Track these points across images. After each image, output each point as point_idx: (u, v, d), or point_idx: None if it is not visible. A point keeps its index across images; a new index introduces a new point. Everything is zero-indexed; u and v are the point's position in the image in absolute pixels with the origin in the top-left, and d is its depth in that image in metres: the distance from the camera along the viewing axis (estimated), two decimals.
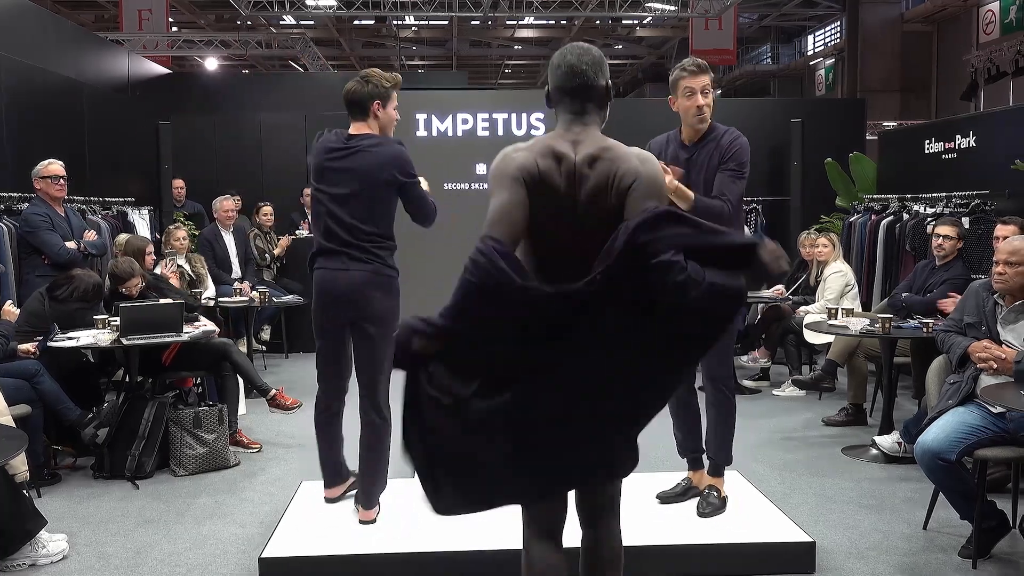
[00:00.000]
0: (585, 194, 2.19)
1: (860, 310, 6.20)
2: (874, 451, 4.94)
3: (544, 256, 2.25)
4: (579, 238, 2.19)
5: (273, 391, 5.19)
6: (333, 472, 3.94)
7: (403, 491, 4.12)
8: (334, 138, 3.75)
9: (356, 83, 3.80)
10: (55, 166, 5.58)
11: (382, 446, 3.77)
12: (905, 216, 7.10)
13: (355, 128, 3.78)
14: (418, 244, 5.78)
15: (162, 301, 5.18)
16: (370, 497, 3.73)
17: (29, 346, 4.57)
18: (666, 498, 3.85)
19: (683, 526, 3.59)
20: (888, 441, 4.90)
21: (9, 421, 3.92)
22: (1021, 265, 3.56)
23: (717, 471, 3.84)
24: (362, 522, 3.69)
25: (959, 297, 4.36)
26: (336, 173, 3.66)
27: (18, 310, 4.74)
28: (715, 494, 3.77)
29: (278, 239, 8.69)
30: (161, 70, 12.56)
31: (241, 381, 5.42)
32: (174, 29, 19.89)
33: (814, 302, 6.55)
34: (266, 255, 8.44)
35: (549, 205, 2.19)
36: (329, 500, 3.91)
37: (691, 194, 3.45)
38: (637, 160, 2.20)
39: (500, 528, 3.55)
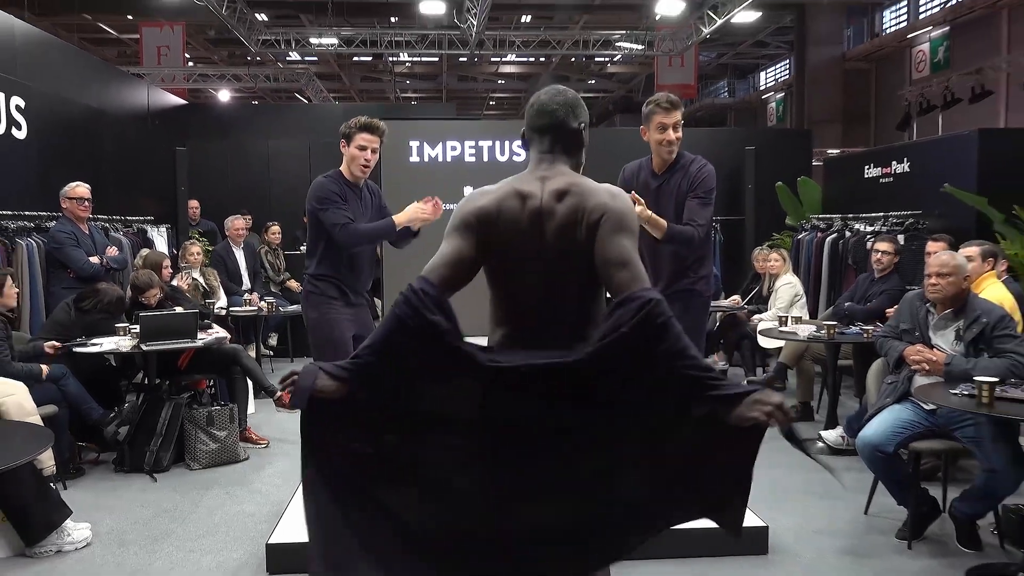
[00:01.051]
0: (553, 231, 1.91)
1: (808, 318, 6.24)
2: (820, 444, 4.96)
3: (514, 301, 1.98)
4: (549, 279, 1.93)
5: (279, 392, 5.15)
6: None
7: None
8: None
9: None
10: (82, 188, 5.54)
11: None
12: (847, 234, 7.16)
13: None
14: (413, 261, 5.77)
15: (178, 310, 5.16)
16: None
17: (53, 343, 4.52)
18: None
19: None
20: (833, 435, 4.93)
21: (37, 420, 3.89)
22: (952, 276, 3.60)
23: None
24: None
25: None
26: None
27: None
28: None
29: (285, 255, 8.67)
30: (178, 101, 12.50)
31: (250, 383, 5.39)
32: (190, 64, 19.80)
33: (767, 311, 6.59)
34: (275, 268, 8.43)
35: (514, 247, 1.93)
36: None
37: (663, 223, 3.44)
38: (607, 195, 1.93)
39: None
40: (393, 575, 1.79)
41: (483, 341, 1.98)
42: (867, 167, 7.69)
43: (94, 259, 5.49)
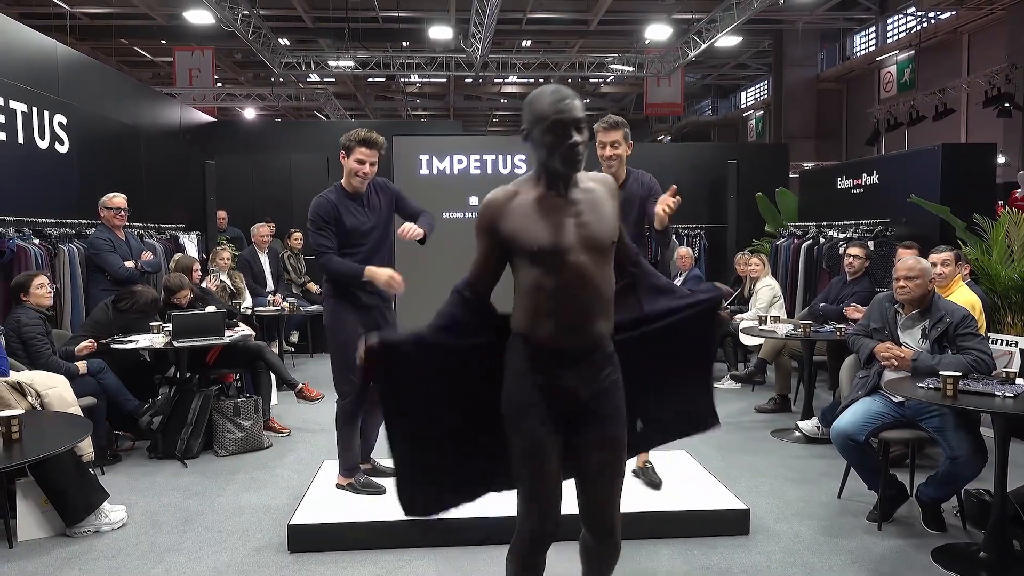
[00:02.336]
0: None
1: (785, 317, 6.23)
2: (797, 434, 4.95)
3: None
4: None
5: (300, 385, 5.15)
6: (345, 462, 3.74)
7: None
8: None
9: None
10: (119, 199, 5.54)
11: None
12: (821, 240, 7.15)
13: None
14: (419, 265, 5.77)
15: (207, 310, 5.15)
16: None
17: (87, 343, 4.51)
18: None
19: (637, 496, 3.59)
20: (808, 425, 4.92)
21: (77, 411, 3.89)
22: (919, 278, 3.60)
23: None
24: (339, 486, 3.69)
25: (863, 308, 4.40)
26: None
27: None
28: (651, 467, 3.78)
29: (305, 259, 8.67)
30: (207, 118, 12.50)
31: (273, 377, 5.38)
32: (219, 84, 19.81)
33: (747, 311, 6.58)
34: (296, 271, 8.44)
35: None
36: (338, 486, 3.70)
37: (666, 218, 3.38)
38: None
39: (488, 500, 3.54)
40: (461, 496, 2.19)
41: None
42: (839, 179, 7.68)
43: (129, 263, 5.48)
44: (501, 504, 3.42)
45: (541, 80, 24.34)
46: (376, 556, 3.22)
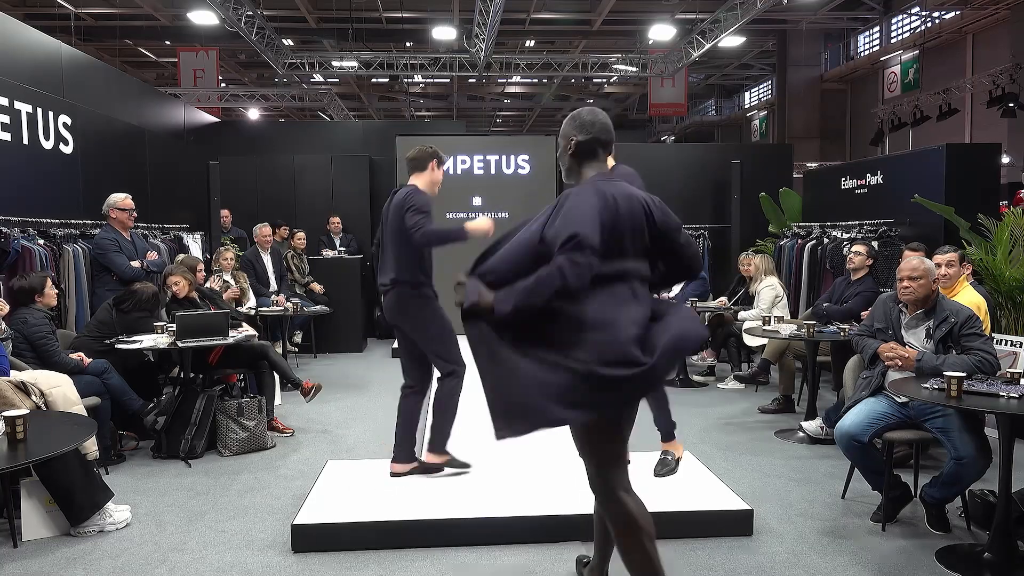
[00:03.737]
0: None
1: (789, 318, 6.22)
2: (801, 434, 4.94)
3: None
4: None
5: (302, 384, 5.17)
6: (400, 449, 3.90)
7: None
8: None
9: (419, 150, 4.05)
10: (129, 200, 5.59)
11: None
12: (825, 240, 7.14)
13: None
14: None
15: (212, 311, 5.16)
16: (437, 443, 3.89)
17: (78, 355, 4.48)
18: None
19: (643, 496, 3.56)
20: (812, 426, 4.91)
21: (82, 410, 3.89)
22: (923, 279, 3.59)
23: (668, 437, 3.98)
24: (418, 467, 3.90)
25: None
26: None
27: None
28: (670, 456, 3.90)
29: (309, 259, 8.68)
30: (211, 119, 12.53)
31: (277, 377, 5.39)
32: (223, 85, 19.84)
33: (751, 311, 6.57)
34: (300, 271, 8.45)
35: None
36: (393, 474, 3.87)
37: None
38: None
39: (493, 501, 3.54)
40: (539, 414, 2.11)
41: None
42: (843, 179, 7.66)
43: (135, 263, 5.50)
44: (503, 505, 3.44)
45: (544, 80, 24.38)
46: (380, 556, 3.23)
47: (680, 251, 2.40)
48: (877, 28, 19.81)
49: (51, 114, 5.72)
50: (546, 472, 3.86)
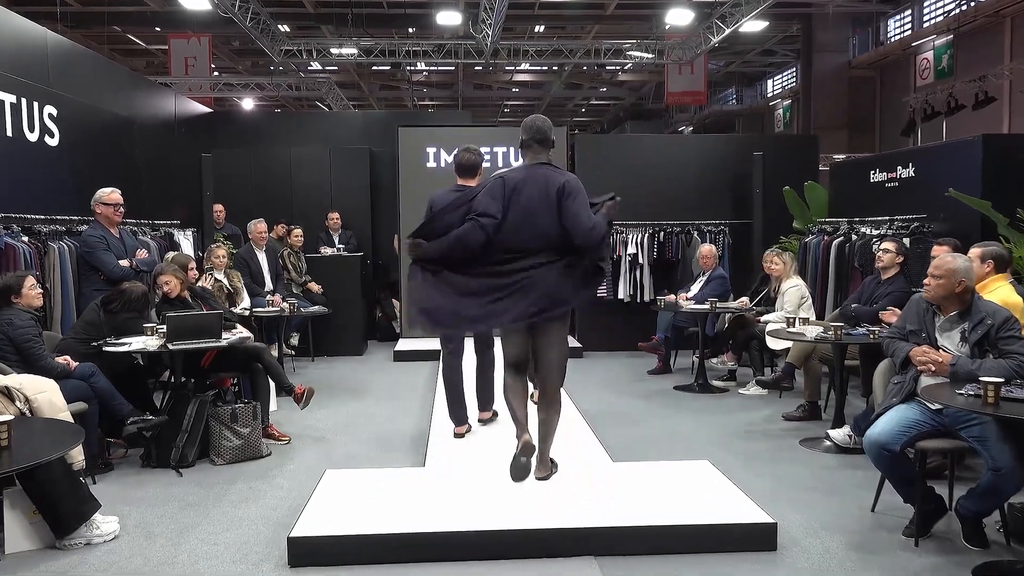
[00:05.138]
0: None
1: (815, 319, 6.20)
2: (827, 443, 4.92)
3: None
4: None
5: (294, 389, 5.18)
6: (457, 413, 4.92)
7: (415, 481, 4.12)
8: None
9: (469, 153, 4.64)
10: (116, 194, 5.59)
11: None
12: (853, 237, 7.10)
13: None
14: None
15: (205, 312, 5.18)
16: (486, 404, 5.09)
17: (63, 359, 4.49)
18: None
19: (656, 510, 3.57)
20: (840, 434, 4.88)
21: (67, 417, 3.90)
22: (943, 278, 3.57)
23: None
24: (480, 421, 5.05)
25: (899, 311, 4.38)
26: None
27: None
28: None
29: (306, 257, 8.70)
30: (204, 109, 12.58)
31: (272, 382, 5.40)
32: (216, 74, 19.92)
33: (774, 312, 6.55)
34: (297, 270, 8.47)
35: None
36: (458, 435, 4.85)
37: None
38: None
39: (500, 513, 3.54)
40: (458, 314, 3.52)
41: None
42: (873, 172, 7.62)
43: (124, 262, 5.52)
44: (512, 517, 3.43)
45: (555, 68, 24.37)
46: (381, 571, 3.23)
47: (568, 223, 3.53)
48: (908, 11, 19.70)
49: (36, 104, 5.75)
50: (556, 484, 3.85)
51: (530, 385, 3.79)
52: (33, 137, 5.74)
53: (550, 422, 3.69)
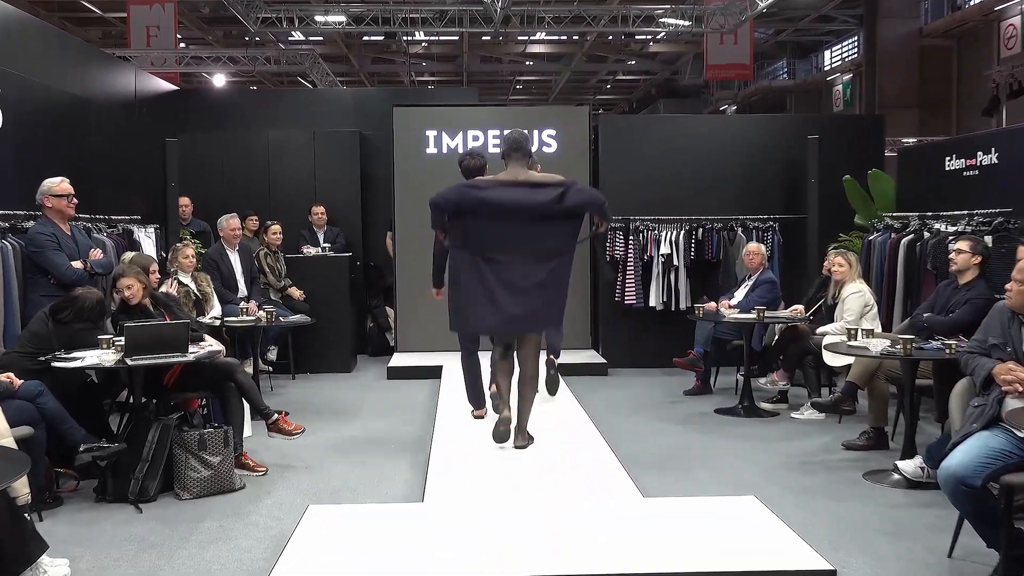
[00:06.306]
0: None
1: (880, 330, 6.17)
2: (896, 476, 4.90)
3: None
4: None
5: (275, 416, 5.19)
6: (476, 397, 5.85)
7: (412, 519, 4.13)
8: None
9: (474, 159, 5.68)
10: (66, 184, 5.61)
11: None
12: (926, 234, 7.07)
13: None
14: (421, 270, 5.81)
15: (170, 321, 5.20)
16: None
17: (6, 376, 4.51)
18: None
19: (699, 553, 3.56)
20: (910, 466, 4.86)
21: (11, 443, 3.92)
22: None
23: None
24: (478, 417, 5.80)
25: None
26: None
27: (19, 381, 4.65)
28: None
29: (286, 258, 8.74)
30: (168, 87, 12.67)
31: (246, 403, 5.42)
32: (182, 45, 20.08)
33: (833, 322, 6.52)
34: (275, 273, 8.50)
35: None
36: (477, 417, 5.80)
37: None
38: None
39: (512, 558, 3.55)
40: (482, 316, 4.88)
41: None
42: (948, 158, 7.59)
43: (77, 264, 5.55)
44: (522, 565, 3.43)
45: (575, 38, 24.41)
46: None
47: (585, 200, 4.92)
48: None
49: None
50: (576, 525, 3.85)
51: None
52: None
53: (530, 397, 5.05)
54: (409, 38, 22.92)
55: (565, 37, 24.22)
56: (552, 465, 4.84)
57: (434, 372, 7.88)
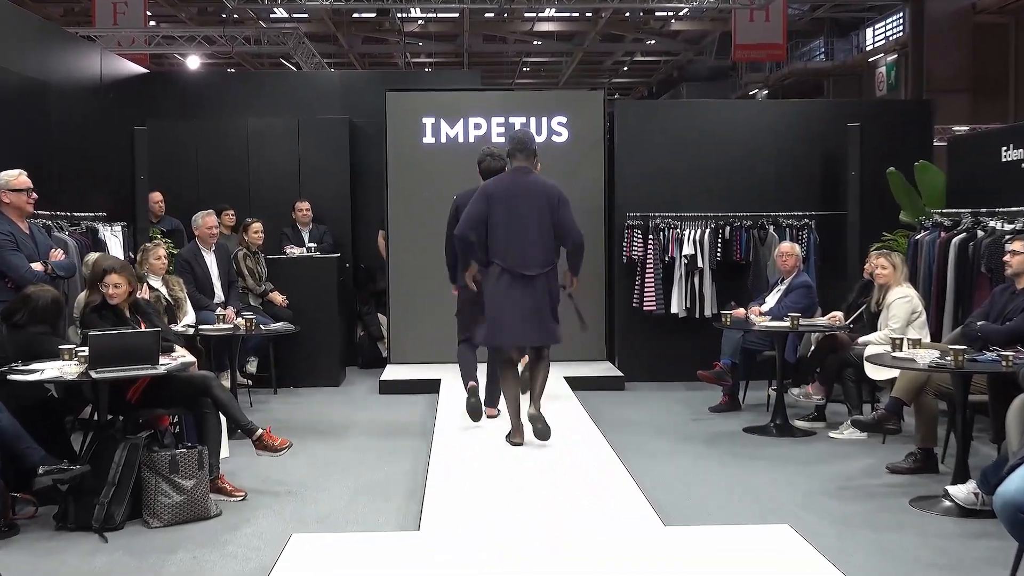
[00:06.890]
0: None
1: (929, 340, 6.15)
2: (947, 503, 4.88)
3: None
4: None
5: (260, 431, 5.18)
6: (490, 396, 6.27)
7: (407, 549, 4.14)
8: None
9: (494, 160, 5.99)
10: (24, 177, 5.63)
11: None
12: (979, 233, 7.06)
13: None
14: (413, 273, 5.84)
15: (139, 329, 5.20)
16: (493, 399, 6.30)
17: None
18: None
19: None
20: (963, 492, 4.84)
21: None
22: None
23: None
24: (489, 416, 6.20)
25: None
26: None
27: None
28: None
29: (267, 259, 8.74)
30: (138, 69, 12.70)
31: (224, 420, 5.42)
32: (152, 24, 20.14)
33: (877, 331, 6.51)
34: (255, 276, 8.50)
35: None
36: (489, 417, 6.21)
37: None
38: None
39: None
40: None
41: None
42: (1005, 148, 7.58)
43: (37, 266, 5.56)
44: None
45: (588, 14, 24.42)
46: None
47: (563, 230, 5.57)
48: None
49: None
50: (592, 556, 3.85)
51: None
52: None
53: (543, 380, 5.73)
54: (404, 15, 22.97)
55: (577, 14, 24.25)
56: (564, 491, 4.84)
57: (431, 386, 7.87)
